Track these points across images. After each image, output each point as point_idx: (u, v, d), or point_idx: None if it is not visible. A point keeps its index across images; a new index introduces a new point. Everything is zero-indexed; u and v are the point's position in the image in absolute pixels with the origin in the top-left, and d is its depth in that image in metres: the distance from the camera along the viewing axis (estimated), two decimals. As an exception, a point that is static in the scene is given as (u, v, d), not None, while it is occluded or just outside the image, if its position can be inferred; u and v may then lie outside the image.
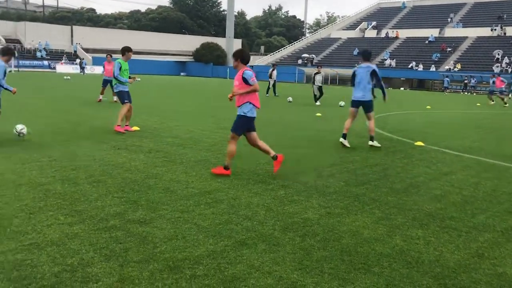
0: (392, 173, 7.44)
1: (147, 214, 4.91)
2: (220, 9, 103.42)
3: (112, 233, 4.31)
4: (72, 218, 4.68)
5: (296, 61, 67.95)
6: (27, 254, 3.77)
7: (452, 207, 5.69)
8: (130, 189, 5.82)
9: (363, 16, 79.07)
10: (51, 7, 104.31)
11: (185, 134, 10.64)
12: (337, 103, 22.31)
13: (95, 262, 3.69)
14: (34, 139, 9.12)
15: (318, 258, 3.98)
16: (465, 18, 66.72)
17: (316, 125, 13.49)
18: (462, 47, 59.18)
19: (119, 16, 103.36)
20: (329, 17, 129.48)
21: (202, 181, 6.39)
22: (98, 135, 9.92)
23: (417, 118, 17.37)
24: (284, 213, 5.15)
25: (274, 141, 9.99)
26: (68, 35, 72.69)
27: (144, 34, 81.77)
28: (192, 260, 3.81)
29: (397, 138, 11.60)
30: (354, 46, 67.48)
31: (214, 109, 17.25)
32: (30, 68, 59.08)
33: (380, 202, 5.76)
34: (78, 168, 6.80)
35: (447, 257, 4.13)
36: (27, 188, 5.66)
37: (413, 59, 58.51)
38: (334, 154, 8.88)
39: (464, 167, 8.19)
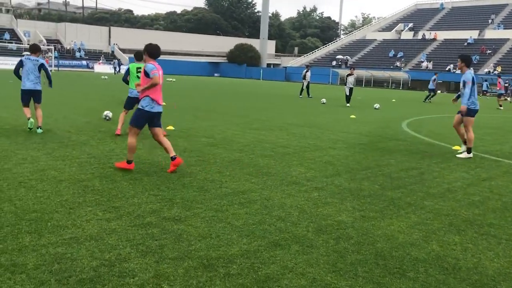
0: (429, 178, 7.30)
1: (182, 212, 4.99)
2: (255, 10, 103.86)
3: (148, 230, 4.39)
4: (110, 214, 4.80)
5: (330, 63, 67.47)
6: (67, 248, 3.89)
7: (491, 214, 5.53)
8: (165, 187, 5.92)
9: (400, 18, 77.79)
10: (90, 8, 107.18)
11: (218, 134, 10.73)
12: (371, 105, 22.03)
13: (132, 257, 3.78)
14: (74, 137, 9.39)
15: (352, 261, 3.95)
16: (506, 20, 64.71)
17: (351, 127, 13.36)
18: (503, 49, 57.41)
19: (155, 17, 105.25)
20: (364, 18, 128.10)
21: (235, 181, 6.44)
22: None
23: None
24: (317, 215, 5.13)
25: (308, 143, 9.97)
26: (106, 36, 74.55)
27: (180, 35, 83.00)
28: (226, 259, 3.85)
29: (434, 142, 11.36)
30: (390, 48, 66.52)
31: (246, 110, 17.33)
32: (70, 67, 60.91)
33: (416, 207, 5.66)
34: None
35: (486, 265, 4.03)
36: (67, 184, 5.83)
37: (451, 61, 57.14)
38: (369, 157, 8.78)
39: (504, 173, 7.95)
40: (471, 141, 9.31)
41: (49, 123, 11.08)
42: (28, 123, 9.70)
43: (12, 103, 15.26)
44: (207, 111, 15.99)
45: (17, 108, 13.76)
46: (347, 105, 21.82)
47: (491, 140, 12.31)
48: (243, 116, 14.95)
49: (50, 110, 13.63)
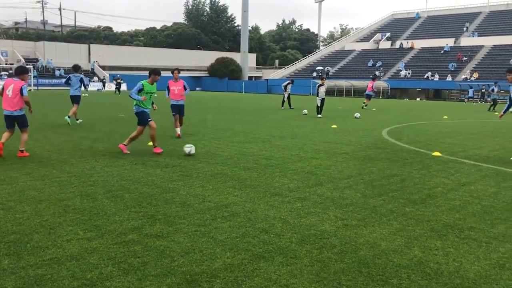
0: (410, 184, 7.38)
1: (165, 228, 4.95)
2: (235, 24, 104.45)
3: (130, 247, 4.35)
4: (91, 233, 4.74)
5: (311, 74, 68.06)
6: (47, 269, 3.83)
7: (472, 218, 5.62)
8: (147, 204, 5.88)
9: (377, 28, 79.03)
10: (68, 26, 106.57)
11: (201, 148, 10.71)
12: (352, 115, 22.24)
13: (114, 276, 3.73)
14: (54, 156, 9.27)
15: (335, 270, 3.96)
16: (480, 27, 66.23)
17: (332, 137, 13.47)
18: (478, 56, 58.66)
19: (135, 34, 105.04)
20: (342, 30, 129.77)
21: (218, 195, 6.43)
22: (115, 151, 10.05)
23: (434, 129, 17.21)
24: (301, 226, 5.14)
25: (291, 155, 10.01)
26: (85, 53, 74.13)
27: (160, 50, 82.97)
28: (210, 274, 3.83)
29: (414, 149, 11.51)
30: (369, 58, 67.41)
31: (229, 123, 17.34)
32: (49, 86, 60.25)
33: (398, 214, 5.72)
34: (96, 184, 6.89)
35: (467, 268, 4.08)
36: (47, 204, 5.75)
37: (429, 69, 58.17)
38: (351, 166, 8.85)
39: (482, 177, 8.08)
40: None
41: (29, 143, 10.92)
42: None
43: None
44: (189, 126, 15.94)
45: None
46: (319, 116, 21.53)
47: (471, 145, 12.52)
48: (226, 130, 14.96)
49: (30, 130, 13.46)
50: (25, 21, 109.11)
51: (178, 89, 12.87)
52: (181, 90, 12.88)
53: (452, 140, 13.57)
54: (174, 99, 12.94)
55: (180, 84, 12.97)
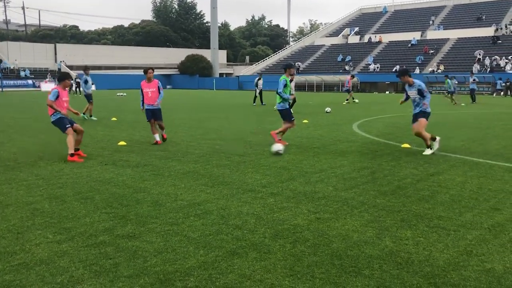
0: (380, 176, 7.50)
1: (136, 228, 4.89)
2: (204, 21, 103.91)
3: (102, 249, 4.28)
4: (60, 235, 4.64)
5: (282, 70, 68.30)
6: (15, 275, 3.73)
7: (440, 207, 5.75)
8: (118, 204, 5.79)
9: (346, 23, 79.86)
10: (33, 25, 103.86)
11: (172, 146, 10.62)
12: (323, 110, 22.44)
13: (85, 279, 3.66)
14: (20, 159, 9.04)
15: (309, 264, 3.99)
16: (445, 20, 67.73)
17: (303, 132, 13.56)
18: (444, 48, 60.01)
19: (102, 32, 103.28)
20: (312, 25, 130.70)
21: (191, 193, 6.39)
22: (84, 151, 9.86)
23: (403, 121, 17.51)
24: (274, 221, 5.16)
25: (263, 150, 10.03)
26: (51, 53, 72.48)
27: (129, 49, 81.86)
28: (183, 272, 3.80)
29: (384, 141, 11.70)
30: (338, 53, 68.07)
31: (201, 121, 17.25)
32: (14, 87, 58.62)
33: (369, 205, 5.80)
34: (65, 186, 6.75)
35: (437, 256, 4.17)
36: (14, 208, 5.60)
37: (397, 62, 59.13)
38: (322, 160, 8.93)
39: (450, 167, 8.28)
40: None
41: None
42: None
43: (-47, 127, 14.54)
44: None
45: (-42, 133, 13.13)
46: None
47: (438, 136, 12.77)
48: (198, 128, 14.87)
49: (-6, 133, 13.10)
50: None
51: (151, 91, 10.90)
52: (154, 93, 10.87)
53: (420, 131, 13.82)
54: (148, 103, 10.94)
55: (154, 85, 10.98)
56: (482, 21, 62.66)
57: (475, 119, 18.33)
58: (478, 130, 14.44)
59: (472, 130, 14.27)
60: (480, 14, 64.06)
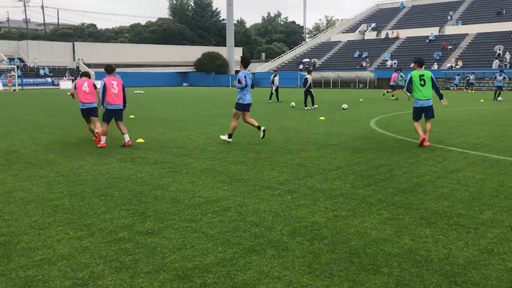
0: (398, 173, 7.44)
1: (155, 225, 4.94)
2: (220, 18, 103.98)
3: (122, 245, 4.34)
4: (81, 232, 4.72)
5: (298, 66, 68.06)
6: (38, 270, 3.80)
7: (460, 205, 5.68)
8: (137, 201, 5.86)
9: (362, 18, 79.17)
10: (52, 24, 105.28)
11: (189, 144, 10.68)
12: (340, 106, 22.31)
13: (106, 274, 3.72)
14: (41, 156, 9.19)
15: (327, 261, 3.99)
16: (464, 15, 66.68)
17: (320, 129, 13.51)
18: (462, 44, 59.10)
19: (119, 30, 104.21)
20: (328, 21, 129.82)
21: (208, 190, 6.42)
22: (103, 149, 9.98)
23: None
24: (291, 218, 5.16)
25: (279, 147, 10.03)
26: (70, 52, 73.33)
27: (146, 46, 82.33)
28: (202, 269, 3.83)
29: (402, 138, 11.59)
30: (355, 49, 67.55)
31: (217, 118, 17.31)
32: (34, 86, 59.57)
33: (387, 203, 5.76)
34: (85, 183, 6.84)
35: (456, 254, 4.13)
36: (36, 205, 5.70)
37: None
38: (339, 157, 8.89)
39: (470, 164, 8.17)
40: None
41: (15, 143, 10.83)
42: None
43: (-25, 125, 14.84)
44: (177, 122, 15.89)
45: (-20, 131, 13.41)
46: (314, 107, 22.08)
47: (458, 133, 12.64)
48: (214, 125, 14.93)
49: (16, 131, 13.32)
50: (7, 20, 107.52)
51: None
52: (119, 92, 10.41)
53: (439, 128, 13.68)
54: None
55: (119, 84, 10.51)
56: (502, 16, 61.51)
57: (495, 116, 18.03)
58: (498, 127, 14.21)
59: (492, 127, 14.05)
60: (500, 9, 62.89)
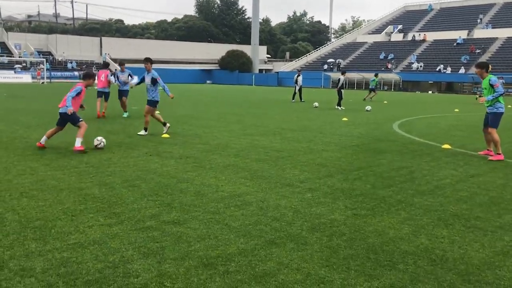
0: (418, 176, 7.52)
1: (181, 215, 5.17)
2: (245, 17, 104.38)
3: (149, 233, 4.58)
4: (111, 219, 4.98)
5: (322, 66, 67.89)
6: (72, 253, 4.07)
7: (478, 208, 5.76)
8: (163, 193, 6.10)
9: (389, 20, 78.50)
10: (80, 19, 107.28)
11: (213, 140, 10.92)
12: (363, 108, 22.30)
13: (135, 259, 3.95)
14: (71, 147, 9.53)
15: (344, 256, 4.15)
16: (494, 19, 65.50)
17: (343, 130, 13.60)
18: (492, 48, 58.07)
19: (146, 26, 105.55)
20: (354, 22, 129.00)
21: (231, 185, 6.63)
22: (130, 142, 10.30)
23: (445, 121, 17.24)
24: (311, 215, 5.33)
25: (301, 147, 10.18)
26: (97, 46, 74.71)
27: (171, 43, 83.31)
28: (225, 258, 4.04)
29: (424, 141, 11.61)
30: (381, 50, 67.06)
31: (240, 116, 17.54)
32: (62, 79, 60.92)
33: (406, 204, 5.88)
34: (114, 174, 7.13)
35: (472, 255, 4.24)
36: (68, 193, 6.00)
37: (441, 62, 57.74)
38: (361, 158, 9.00)
39: (491, 169, 8.19)
40: None
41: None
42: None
43: (8, 115, 15.39)
44: (201, 118, 16.17)
45: (13, 122, 13.92)
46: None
47: (481, 138, 12.52)
48: (237, 122, 15.16)
49: (47, 121, 13.78)
50: (38, 14, 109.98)
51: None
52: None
53: (462, 133, 13.63)
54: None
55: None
56: (533, 20, 60.22)
57: (521, 122, 17.78)
58: (523, 133, 14.05)
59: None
60: (532, 13, 61.58)
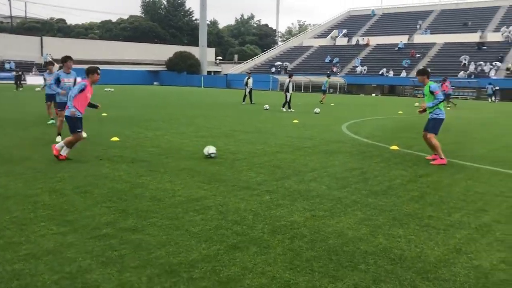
0: (371, 176, 7.73)
1: (138, 222, 5.02)
2: (193, 18, 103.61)
3: (106, 241, 4.41)
4: (64, 228, 4.75)
5: (270, 69, 68.51)
6: (24, 264, 3.84)
7: (430, 207, 5.98)
8: (117, 199, 5.91)
9: (334, 24, 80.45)
10: (19, 17, 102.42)
11: (165, 143, 10.73)
12: (312, 110, 22.69)
13: (93, 269, 3.79)
14: (15, 152, 9.07)
15: (307, 258, 4.18)
16: (432, 25, 68.66)
17: (294, 132, 13.76)
18: (430, 53, 60.83)
19: (90, 26, 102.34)
20: (300, 26, 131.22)
21: (188, 189, 6.52)
22: (79, 146, 9.91)
23: (390, 123, 17.86)
24: (271, 217, 5.34)
25: (256, 149, 10.20)
26: (37, 46, 71.58)
27: (116, 43, 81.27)
28: (188, 264, 3.95)
29: (373, 143, 11.95)
30: (326, 54, 68.56)
31: (191, 118, 17.35)
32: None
33: (361, 204, 6.01)
34: (63, 180, 6.83)
35: (428, 253, 4.39)
36: (15, 201, 5.68)
37: (384, 65, 59.81)
38: (314, 160, 9.14)
39: (438, 169, 8.55)
40: None
41: (-14, 138, 10.62)
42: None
43: None
44: (151, 121, 15.85)
45: None
46: (290, 110, 22.70)
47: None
48: (189, 124, 14.98)
49: (-15, 125, 13.04)
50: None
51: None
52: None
53: (408, 134, 14.16)
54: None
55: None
56: (468, 27, 63.68)
57: (461, 123, 18.74)
58: (463, 134, 14.81)
59: (458, 134, 14.62)
60: (466, 20, 65.08)
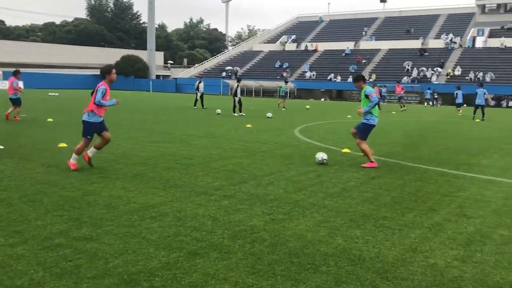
0: (326, 179, 7.84)
1: (93, 230, 4.83)
2: (140, 22, 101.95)
3: (60, 252, 4.21)
4: (13, 239, 4.50)
5: (220, 74, 68.39)
6: (-30, 279, 3.60)
7: (384, 208, 6.14)
8: (69, 207, 5.67)
9: (283, 30, 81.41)
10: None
11: (116, 149, 10.43)
12: (264, 115, 22.83)
13: (47, 281, 3.60)
14: (-47, 159, 8.52)
15: (269, 262, 4.16)
16: (377, 32, 70.93)
17: (248, 136, 13.77)
18: (375, 59, 62.81)
19: (31, 28, 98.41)
20: (250, 31, 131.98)
21: (142, 196, 6.36)
22: (22, 153, 9.47)
23: (340, 127, 18.23)
24: (230, 222, 5.29)
25: (211, 154, 10.11)
26: (-26, 48, 68.01)
27: (60, 47, 78.56)
28: (147, 273, 3.84)
29: (325, 146, 12.16)
30: (276, 59, 69.26)
31: (142, 123, 16.99)
32: None
33: (319, 206, 6.08)
34: (9, 188, 6.48)
35: (385, 253, 4.49)
36: (-44, 211, 5.33)
37: (332, 71, 61.13)
38: (270, 164, 9.17)
39: (389, 171, 8.80)
40: None
41: None
42: None
43: None
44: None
45: None
46: (241, 114, 22.77)
47: (374, 142, 13.45)
48: (140, 129, 14.66)
49: None
50: None
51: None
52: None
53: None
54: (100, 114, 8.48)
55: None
56: (410, 34, 66.28)
57: (406, 126, 19.43)
58: (409, 136, 15.35)
59: (404, 137, 15.14)
60: (409, 27, 67.73)
